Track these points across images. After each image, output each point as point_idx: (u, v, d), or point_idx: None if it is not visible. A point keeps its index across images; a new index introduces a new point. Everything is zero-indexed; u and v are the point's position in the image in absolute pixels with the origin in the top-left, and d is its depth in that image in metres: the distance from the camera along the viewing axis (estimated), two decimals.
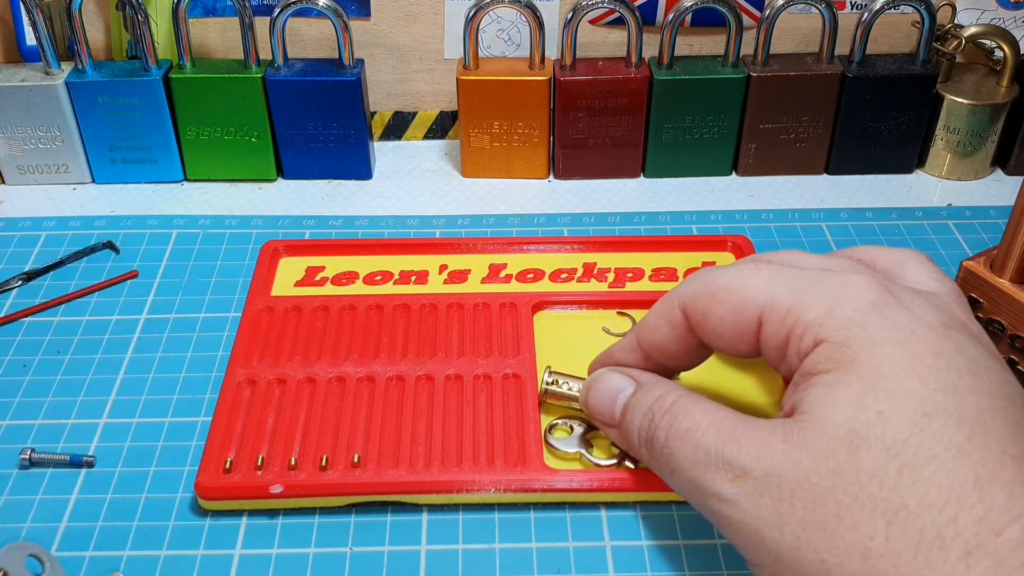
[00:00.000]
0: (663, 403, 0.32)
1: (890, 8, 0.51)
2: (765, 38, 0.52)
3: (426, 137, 0.60)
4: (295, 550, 0.34)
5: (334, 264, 0.47)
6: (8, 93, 0.52)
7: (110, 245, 0.50)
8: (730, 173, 0.56)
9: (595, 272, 0.46)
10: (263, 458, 0.36)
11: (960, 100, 0.53)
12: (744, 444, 0.28)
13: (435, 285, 0.45)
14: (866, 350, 0.28)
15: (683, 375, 0.39)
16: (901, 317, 0.28)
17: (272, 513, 0.36)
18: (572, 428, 0.38)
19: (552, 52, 0.56)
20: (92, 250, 0.49)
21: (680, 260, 0.47)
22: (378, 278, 0.46)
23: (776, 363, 0.31)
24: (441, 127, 0.60)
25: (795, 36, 0.56)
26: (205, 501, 0.35)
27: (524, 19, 0.54)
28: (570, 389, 0.38)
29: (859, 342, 0.28)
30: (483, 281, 0.46)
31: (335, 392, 0.39)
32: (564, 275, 0.46)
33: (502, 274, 0.46)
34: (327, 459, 0.36)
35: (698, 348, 0.34)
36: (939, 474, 0.25)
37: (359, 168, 0.56)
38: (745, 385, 0.40)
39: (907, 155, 0.56)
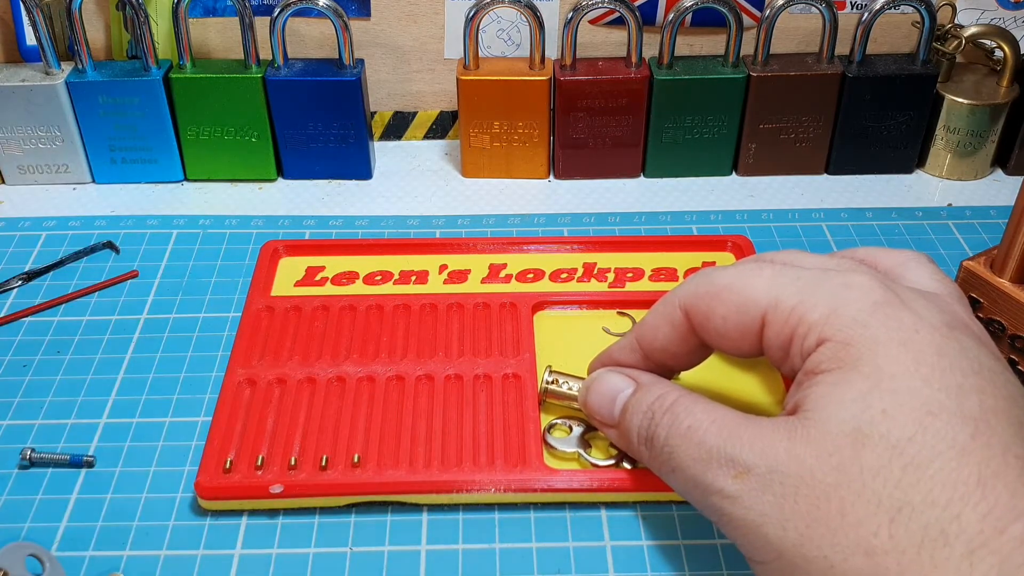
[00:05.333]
0: (663, 402, 0.32)
1: (890, 8, 0.51)
2: (765, 38, 0.52)
3: (426, 137, 0.60)
4: (295, 550, 0.34)
5: (334, 264, 0.47)
6: (8, 93, 0.52)
7: (110, 245, 0.50)
8: (730, 173, 0.56)
9: (595, 272, 0.46)
10: (263, 458, 0.36)
11: (960, 100, 0.53)
12: (747, 441, 0.28)
13: (435, 285, 0.45)
14: (870, 349, 0.28)
15: (683, 375, 0.39)
16: (905, 317, 0.28)
17: (272, 513, 0.36)
18: (571, 428, 0.38)
19: (552, 52, 0.56)
20: (92, 250, 0.49)
21: (680, 260, 0.47)
22: (378, 278, 0.46)
23: (779, 363, 0.31)
24: (441, 127, 0.60)
25: (795, 36, 0.56)
26: (205, 501, 0.35)
27: (524, 19, 0.54)
28: (570, 389, 0.38)
29: (863, 341, 0.28)
30: (483, 281, 0.46)
31: (335, 392, 0.39)
32: (564, 275, 0.46)
33: (502, 274, 0.46)
34: (327, 459, 0.36)
35: (699, 348, 0.34)
36: (943, 472, 0.25)
37: (359, 168, 0.56)
38: (746, 385, 0.40)
39: (907, 155, 0.56)
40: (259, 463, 0.36)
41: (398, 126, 0.59)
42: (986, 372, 0.27)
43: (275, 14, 0.51)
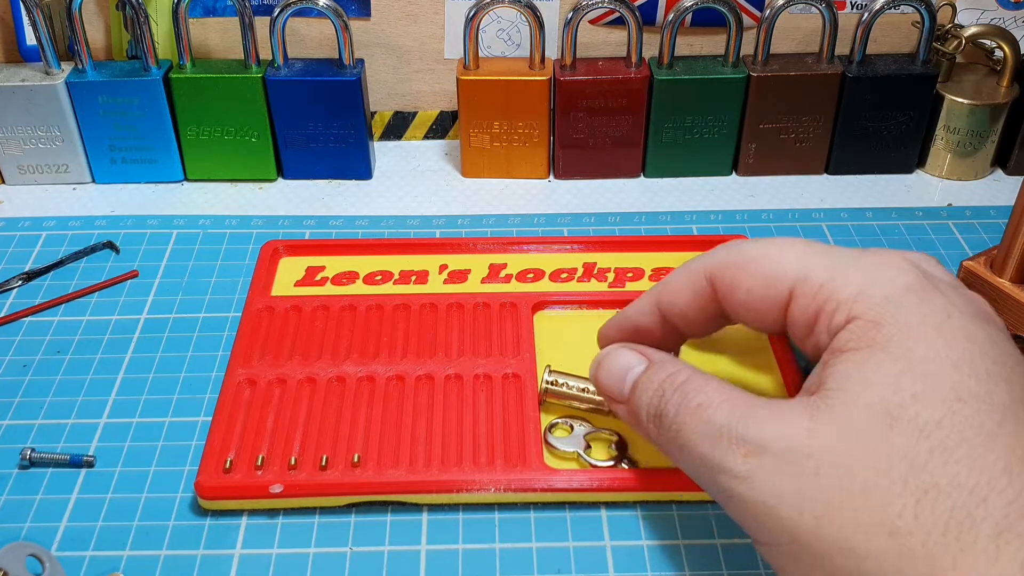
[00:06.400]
0: (674, 380, 0.31)
1: (890, 8, 0.51)
2: (765, 38, 0.52)
3: (426, 137, 0.60)
4: (295, 550, 0.34)
5: (334, 264, 0.47)
6: (8, 93, 0.52)
7: (110, 245, 0.50)
8: (730, 173, 0.56)
9: (595, 272, 0.46)
10: (263, 458, 0.36)
11: (960, 100, 0.53)
12: (761, 420, 0.28)
13: (435, 285, 0.45)
14: (901, 331, 0.27)
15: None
16: (938, 301, 0.28)
17: (272, 513, 0.36)
18: (571, 428, 0.38)
19: (552, 52, 0.56)
20: (92, 250, 0.49)
21: (680, 260, 0.47)
22: (378, 278, 0.46)
23: (801, 339, 0.31)
24: (441, 127, 0.60)
25: (795, 36, 0.56)
26: (205, 501, 0.35)
27: (524, 19, 0.54)
28: (570, 388, 0.38)
29: (894, 322, 0.28)
30: (483, 281, 0.46)
31: (335, 392, 0.39)
32: (564, 275, 0.46)
33: (502, 274, 0.46)
34: (327, 459, 0.36)
35: (718, 317, 0.33)
36: (970, 457, 0.25)
37: (359, 168, 0.56)
38: (745, 381, 0.40)
39: (907, 155, 0.56)
40: (259, 463, 0.36)
41: (398, 126, 0.59)
42: (1011, 362, 0.27)
43: (275, 14, 0.51)
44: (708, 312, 0.33)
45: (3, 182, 0.55)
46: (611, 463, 0.36)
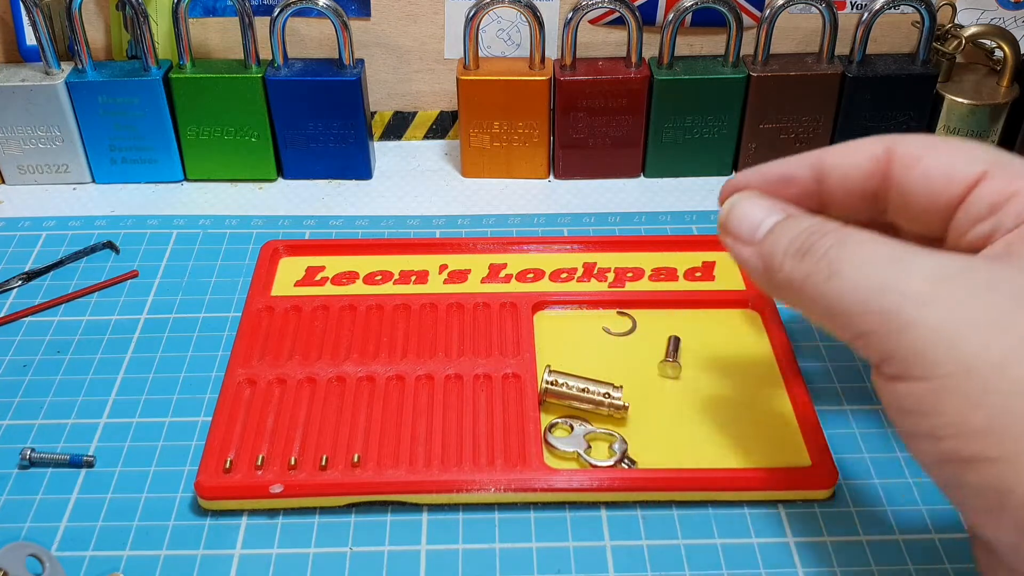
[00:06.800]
0: (824, 226, 0.30)
1: (890, 8, 0.51)
2: (765, 38, 0.52)
3: (426, 137, 0.60)
4: (295, 550, 0.34)
5: (334, 264, 0.47)
6: (8, 93, 0.52)
7: (110, 245, 0.50)
8: (730, 173, 0.56)
9: (595, 272, 0.46)
10: (263, 458, 0.36)
11: (960, 100, 0.53)
12: (947, 255, 0.27)
13: (435, 285, 0.45)
14: None
15: (683, 379, 0.39)
16: None
17: (272, 513, 0.36)
18: (572, 427, 0.38)
19: (552, 52, 0.56)
20: (92, 250, 0.49)
21: (680, 260, 0.47)
22: (378, 278, 0.46)
23: (969, 223, 0.30)
24: (441, 127, 0.60)
25: (795, 36, 0.56)
26: (205, 501, 0.35)
27: (524, 19, 0.54)
28: (570, 388, 0.38)
29: None
30: (483, 281, 0.46)
31: (335, 392, 0.39)
32: (564, 275, 0.46)
33: (502, 274, 0.46)
34: (327, 459, 0.36)
35: (872, 197, 0.32)
36: None
37: (359, 168, 0.56)
38: (755, 400, 0.40)
39: None
40: (259, 463, 0.36)
41: (398, 126, 0.59)
42: None
43: (275, 14, 0.51)
44: (870, 184, 0.32)
45: (3, 182, 0.55)
46: (611, 463, 0.36)
